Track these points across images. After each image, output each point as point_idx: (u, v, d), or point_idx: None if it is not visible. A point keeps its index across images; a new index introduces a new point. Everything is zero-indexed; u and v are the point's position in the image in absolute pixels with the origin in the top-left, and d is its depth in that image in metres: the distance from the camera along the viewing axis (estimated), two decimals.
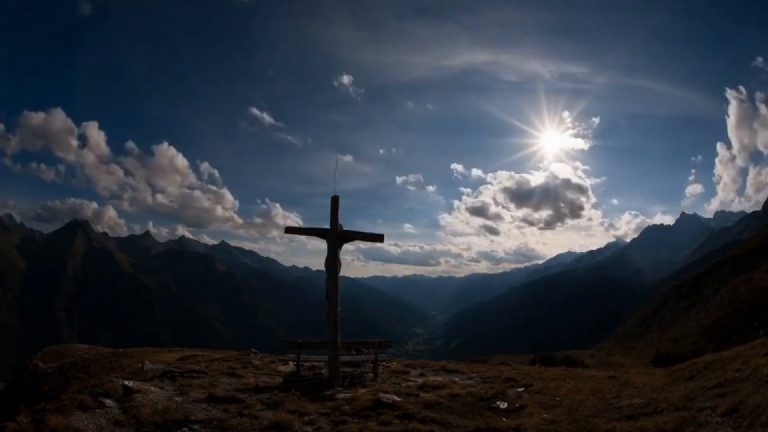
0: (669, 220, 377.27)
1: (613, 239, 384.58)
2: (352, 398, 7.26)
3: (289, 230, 10.13)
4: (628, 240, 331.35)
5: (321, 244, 9.14)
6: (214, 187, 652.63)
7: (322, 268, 9.17)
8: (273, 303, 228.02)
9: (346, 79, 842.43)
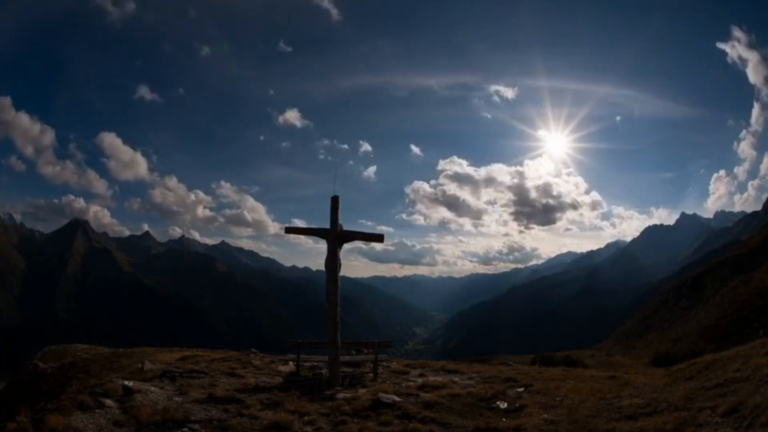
0: (669, 220, 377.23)
1: (612, 239, 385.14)
2: (352, 398, 7.26)
3: (289, 230, 10.14)
4: (628, 240, 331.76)
5: (312, 244, 9.14)
6: (170, 179, 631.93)
7: (322, 268, 9.19)
8: (273, 303, 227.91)
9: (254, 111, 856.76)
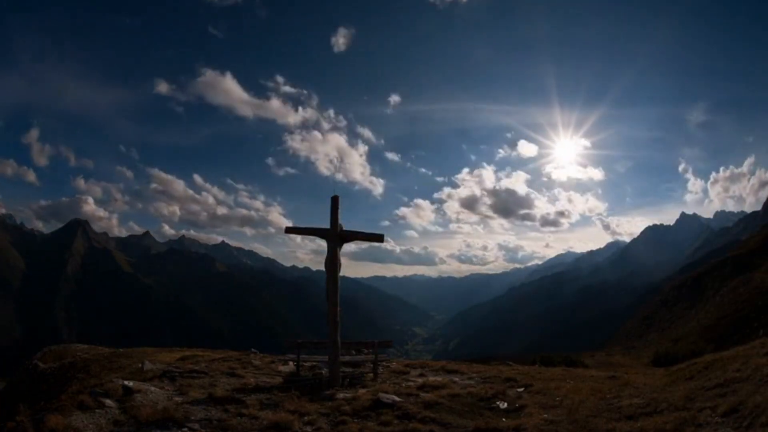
0: (669, 220, 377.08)
1: (613, 239, 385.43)
2: (352, 398, 7.26)
3: (289, 230, 10.12)
4: (628, 240, 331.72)
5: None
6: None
7: (322, 268, 9.17)
8: (273, 303, 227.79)
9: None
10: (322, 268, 9.17)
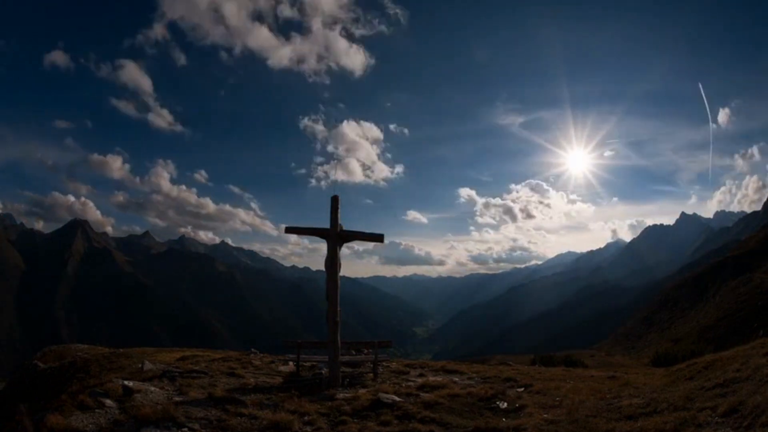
0: (669, 220, 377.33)
1: (613, 239, 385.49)
2: (351, 398, 7.26)
3: (289, 230, 10.10)
4: (628, 240, 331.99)
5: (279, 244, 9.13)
6: None
7: (322, 268, 9.17)
8: (273, 303, 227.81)
9: None
10: (322, 268, 9.17)
